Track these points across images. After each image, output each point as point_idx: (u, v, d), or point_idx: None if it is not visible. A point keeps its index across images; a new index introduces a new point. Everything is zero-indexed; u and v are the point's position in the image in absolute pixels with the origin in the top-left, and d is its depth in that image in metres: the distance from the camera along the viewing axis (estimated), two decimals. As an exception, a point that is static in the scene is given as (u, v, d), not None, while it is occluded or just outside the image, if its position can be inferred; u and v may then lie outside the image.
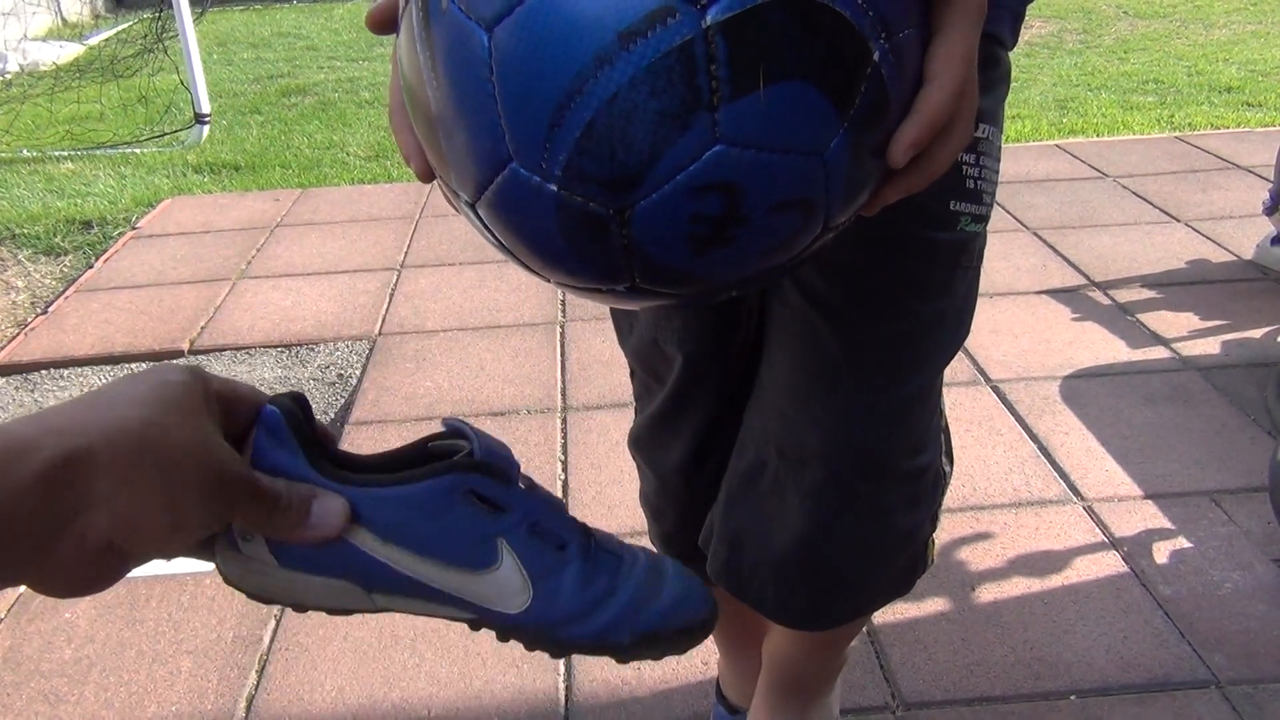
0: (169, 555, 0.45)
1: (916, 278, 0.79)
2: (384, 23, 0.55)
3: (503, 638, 0.57)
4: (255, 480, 0.48)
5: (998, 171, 0.80)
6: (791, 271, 0.54)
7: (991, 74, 0.77)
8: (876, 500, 0.86)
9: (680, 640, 0.59)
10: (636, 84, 0.43)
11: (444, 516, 0.53)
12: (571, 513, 0.59)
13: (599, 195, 0.46)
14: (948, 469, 0.94)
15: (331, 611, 0.55)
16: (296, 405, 0.52)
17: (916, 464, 0.87)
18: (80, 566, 0.42)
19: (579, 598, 0.56)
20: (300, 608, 0.54)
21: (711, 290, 0.52)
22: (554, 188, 0.47)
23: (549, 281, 0.54)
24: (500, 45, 0.45)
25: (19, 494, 0.38)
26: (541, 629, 0.56)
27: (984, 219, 0.80)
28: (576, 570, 0.56)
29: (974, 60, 0.52)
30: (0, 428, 0.40)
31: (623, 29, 0.43)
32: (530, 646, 0.57)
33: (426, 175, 0.55)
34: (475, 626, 0.57)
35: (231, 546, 0.52)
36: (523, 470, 0.57)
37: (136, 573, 1.50)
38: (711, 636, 1.31)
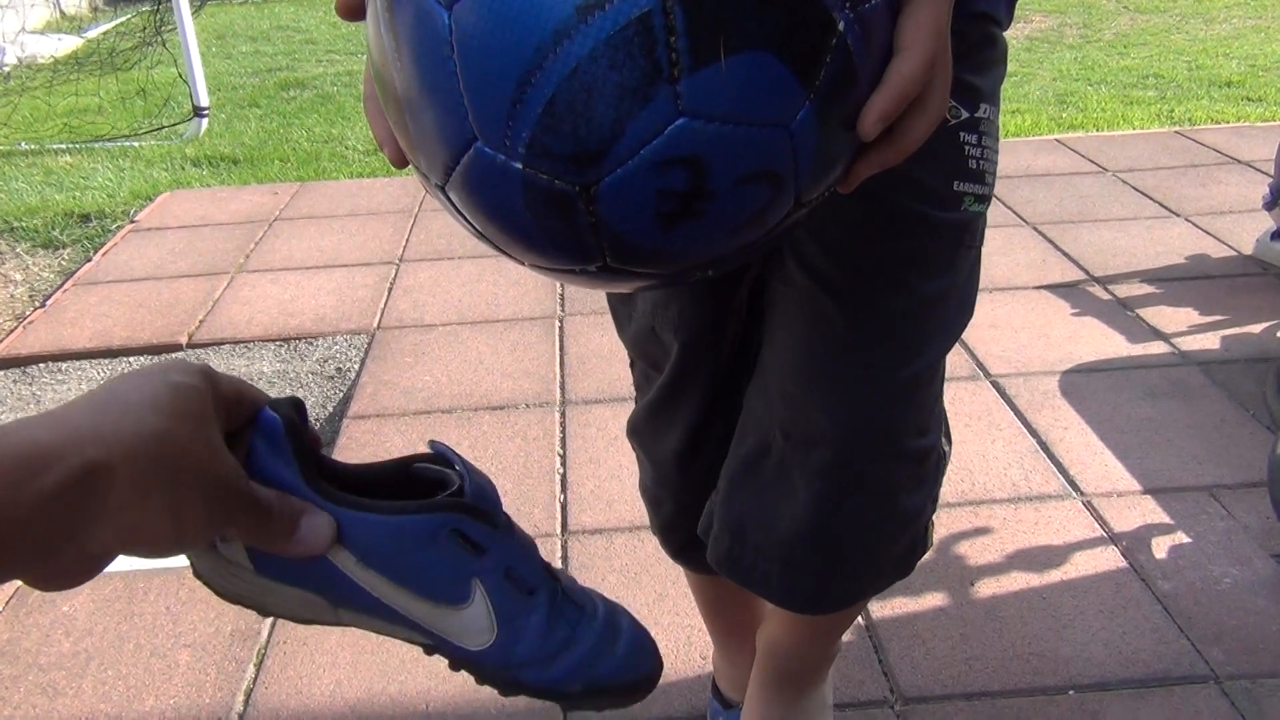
0: (158, 558, 0.45)
1: (922, 257, 0.79)
2: (353, 8, 0.55)
3: (454, 668, 0.58)
4: (254, 493, 0.48)
5: (998, 152, 0.81)
6: (767, 249, 0.53)
7: (989, 53, 0.77)
8: (884, 480, 0.86)
9: (626, 695, 0.61)
10: (596, 57, 0.43)
11: (426, 551, 0.54)
12: (569, 510, 0.60)
13: (563, 172, 0.46)
14: (947, 449, 0.95)
15: (293, 619, 0.55)
16: (295, 413, 0.52)
17: (923, 444, 0.87)
18: (74, 571, 0.42)
19: (540, 644, 0.57)
20: (264, 612, 0.55)
21: (686, 268, 0.52)
22: (519, 166, 0.46)
23: (524, 264, 0.54)
24: (460, 23, 0.45)
25: (38, 505, 0.38)
26: (498, 668, 0.57)
27: (986, 199, 0.80)
28: (541, 617, 0.57)
29: (946, 32, 0.51)
30: (24, 432, 0.39)
31: (580, 2, 0.43)
32: (480, 681, 0.58)
33: (399, 160, 0.54)
34: (429, 652, 0.58)
35: (208, 544, 0.52)
36: (519, 467, 0.58)
37: (136, 567, 1.48)
38: (706, 629, 1.31)
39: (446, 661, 0.58)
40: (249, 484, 0.47)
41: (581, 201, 0.47)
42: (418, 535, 0.53)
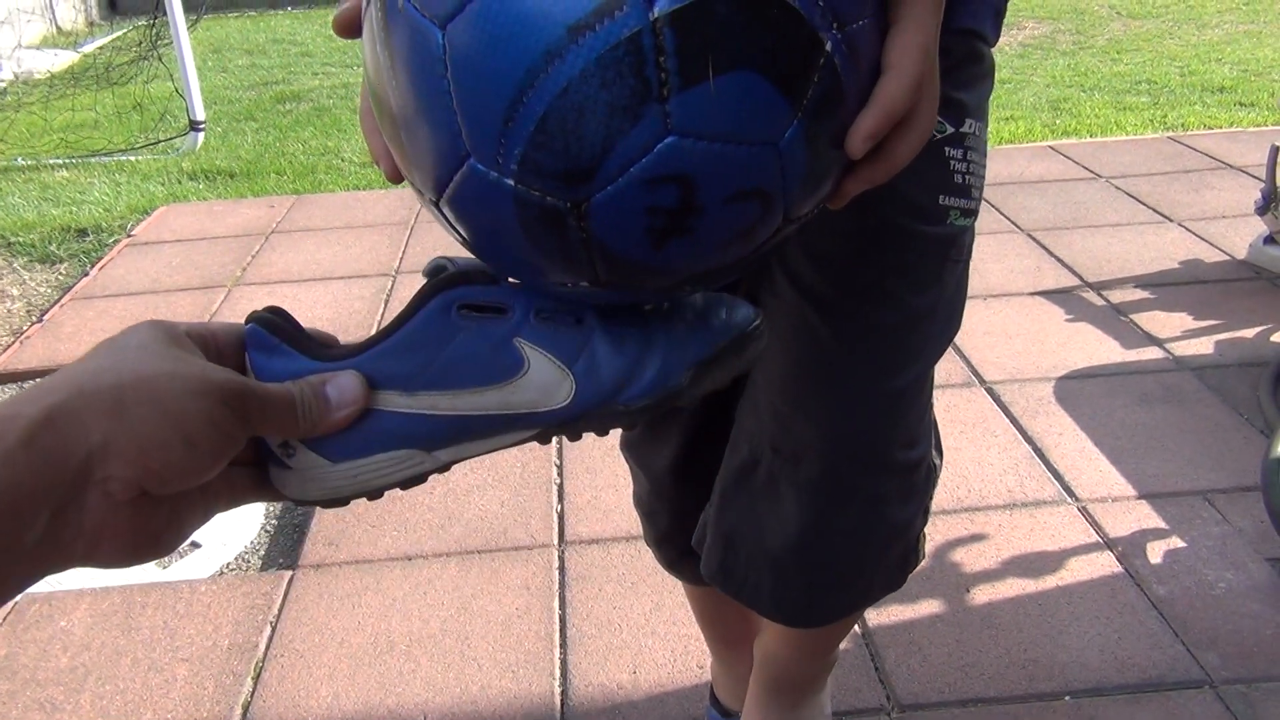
0: (203, 479, 0.45)
1: (908, 270, 0.80)
2: (349, 25, 0.55)
3: (574, 436, 0.55)
4: (255, 385, 0.48)
5: (985, 166, 0.81)
6: (758, 263, 0.54)
7: (975, 69, 0.78)
8: (872, 493, 0.87)
9: (740, 354, 0.56)
10: (586, 77, 0.44)
11: (451, 341, 0.52)
12: (566, 520, 0.59)
13: (555, 189, 0.47)
14: (938, 462, 0.95)
15: (404, 485, 0.54)
16: (275, 314, 0.52)
17: (911, 457, 0.87)
18: (125, 523, 0.42)
19: (619, 360, 0.54)
20: (374, 494, 0.54)
21: (676, 283, 0.52)
22: (511, 182, 0.47)
23: (517, 280, 0.54)
24: (454, 42, 0.45)
25: (8, 459, 0.39)
26: (599, 408, 0.54)
27: (973, 213, 0.81)
28: (603, 336, 0.54)
29: (933, 51, 0.52)
30: None
31: (571, 23, 0.43)
32: (602, 431, 0.55)
33: (395, 176, 0.55)
34: (544, 439, 0.55)
35: (281, 466, 0.52)
36: (516, 478, 0.57)
37: (133, 580, 1.49)
38: (703, 638, 1.31)
39: (566, 438, 0.55)
40: (249, 382, 0.47)
41: (573, 218, 0.47)
42: (431, 331, 0.52)
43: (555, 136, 0.45)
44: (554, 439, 0.55)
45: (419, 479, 0.54)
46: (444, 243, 3.01)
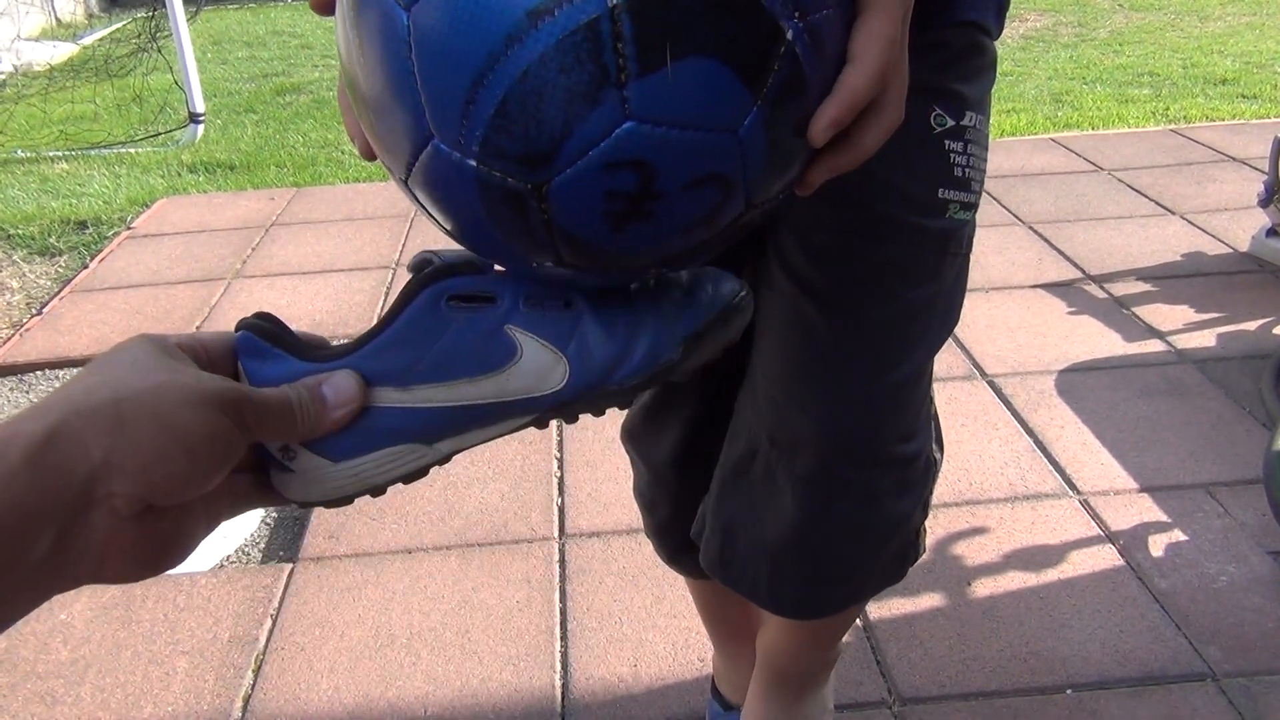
0: (207, 488, 0.45)
1: (906, 264, 0.79)
2: (326, 4, 0.56)
3: (570, 418, 0.56)
4: (251, 391, 0.48)
5: (986, 160, 0.81)
6: (723, 247, 0.54)
7: (977, 62, 0.77)
8: (868, 487, 0.86)
9: (724, 326, 0.57)
10: (546, 61, 0.44)
11: (442, 333, 0.53)
12: (567, 513, 0.59)
13: (515, 171, 0.47)
14: (938, 456, 0.94)
15: (407, 479, 0.54)
16: (264, 320, 0.52)
17: (908, 450, 0.87)
18: (131, 539, 0.43)
19: (611, 341, 0.54)
20: (377, 490, 0.54)
21: (637, 267, 0.53)
22: (473, 164, 0.48)
23: (485, 260, 0.55)
24: (418, 24, 0.46)
25: (11, 478, 0.39)
26: (594, 389, 0.55)
27: (973, 207, 0.80)
28: (593, 318, 0.55)
29: (900, 41, 0.52)
30: None
31: (531, 7, 0.44)
32: (598, 412, 0.56)
33: (369, 154, 0.56)
34: (541, 424, 0.55)
35: (282, 470, 0.52)
36: (516, 471, 0.57)
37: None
38: (704, 631, 1.31)
39: (563, 421, 0.55)
40: (245, 389, 0.47)
41: (534, 200, 0.48)
42: (422, 325, 0.52)
43: (515, 120, 0.46)
44: (551, 423, 0.56)
45: (421, 472, 0.54)
46: (443, 237, 3.00)
